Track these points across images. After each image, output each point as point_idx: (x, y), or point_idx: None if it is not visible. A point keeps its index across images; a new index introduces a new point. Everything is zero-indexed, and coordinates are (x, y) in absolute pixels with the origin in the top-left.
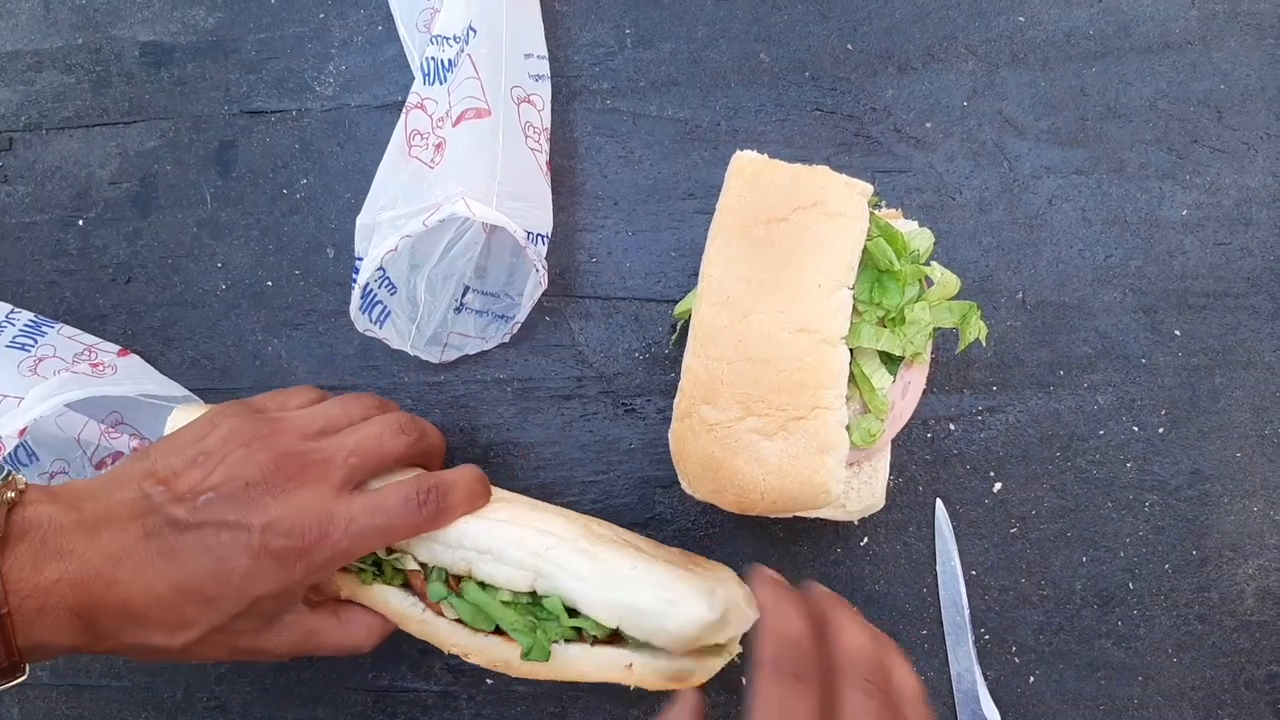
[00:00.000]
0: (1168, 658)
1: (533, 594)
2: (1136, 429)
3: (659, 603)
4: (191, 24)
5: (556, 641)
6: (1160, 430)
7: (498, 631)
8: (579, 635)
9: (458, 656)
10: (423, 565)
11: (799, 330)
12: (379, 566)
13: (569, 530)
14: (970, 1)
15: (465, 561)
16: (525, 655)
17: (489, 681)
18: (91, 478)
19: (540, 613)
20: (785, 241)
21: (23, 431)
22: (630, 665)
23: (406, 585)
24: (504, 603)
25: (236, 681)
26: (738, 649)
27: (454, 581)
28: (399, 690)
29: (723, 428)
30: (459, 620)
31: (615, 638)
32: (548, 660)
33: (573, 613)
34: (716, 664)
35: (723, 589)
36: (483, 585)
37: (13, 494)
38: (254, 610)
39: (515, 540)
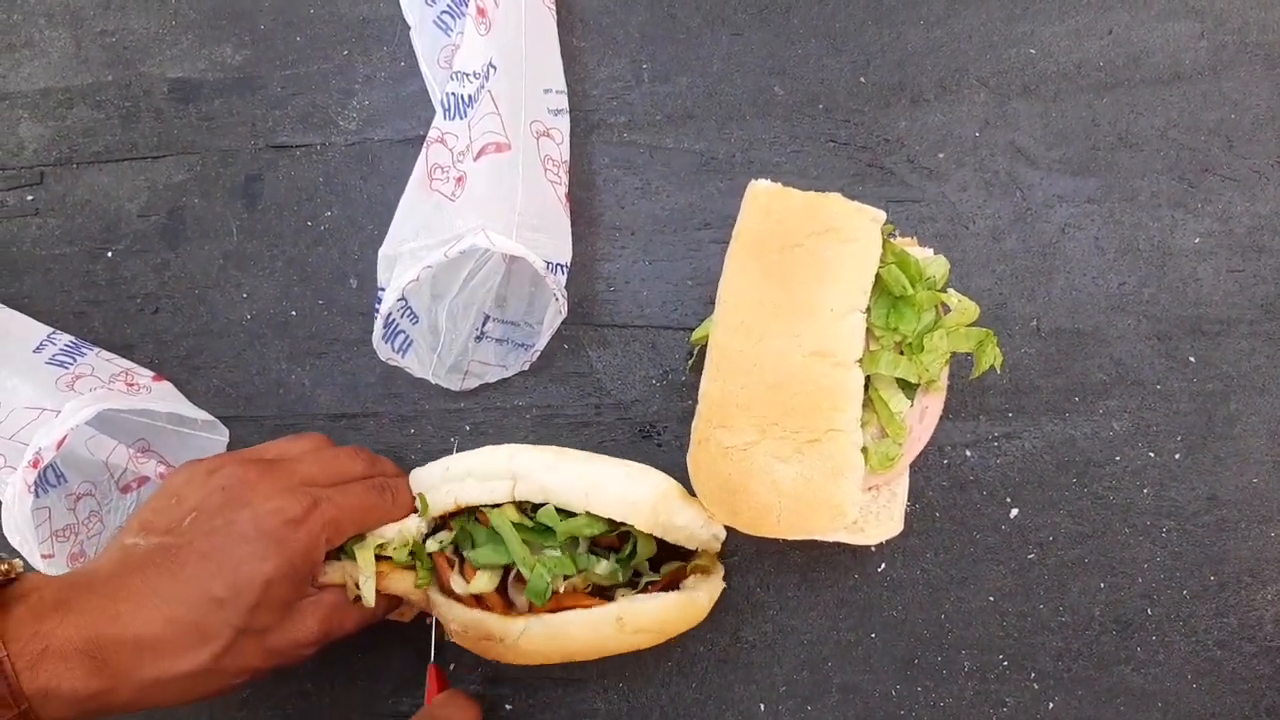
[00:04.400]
0: (1187, 684)
1: (527, 516)
2: (1153, 455)
3: (622, 478)
4: (219, 61)
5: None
6: (1176, 456)
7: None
8: (574, 556)
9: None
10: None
11: (812, 353)
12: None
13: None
14: (982, 34)
15: (451, 495)
16: (529, 591)
17: (508, 707)
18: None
19: (542, 538)
20: (799, 266)
21: (61, 442)
22: (620, 619)
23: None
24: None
25: (258, 707)
26: (722, 582)
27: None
28: None
29: (738, 451)
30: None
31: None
32: (546, 600)
33: (565, 515)
34: (705, 585)
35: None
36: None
37: (6, 567)
38: (269, 599)
39: (486, 456)
